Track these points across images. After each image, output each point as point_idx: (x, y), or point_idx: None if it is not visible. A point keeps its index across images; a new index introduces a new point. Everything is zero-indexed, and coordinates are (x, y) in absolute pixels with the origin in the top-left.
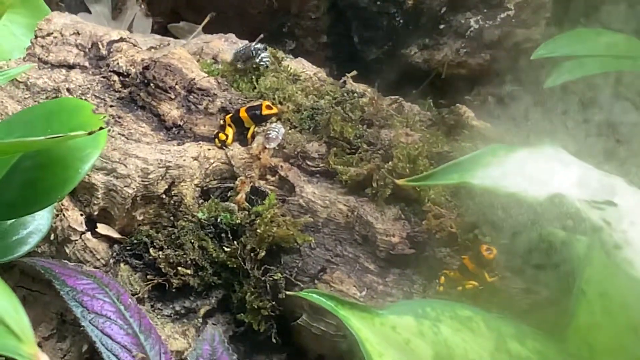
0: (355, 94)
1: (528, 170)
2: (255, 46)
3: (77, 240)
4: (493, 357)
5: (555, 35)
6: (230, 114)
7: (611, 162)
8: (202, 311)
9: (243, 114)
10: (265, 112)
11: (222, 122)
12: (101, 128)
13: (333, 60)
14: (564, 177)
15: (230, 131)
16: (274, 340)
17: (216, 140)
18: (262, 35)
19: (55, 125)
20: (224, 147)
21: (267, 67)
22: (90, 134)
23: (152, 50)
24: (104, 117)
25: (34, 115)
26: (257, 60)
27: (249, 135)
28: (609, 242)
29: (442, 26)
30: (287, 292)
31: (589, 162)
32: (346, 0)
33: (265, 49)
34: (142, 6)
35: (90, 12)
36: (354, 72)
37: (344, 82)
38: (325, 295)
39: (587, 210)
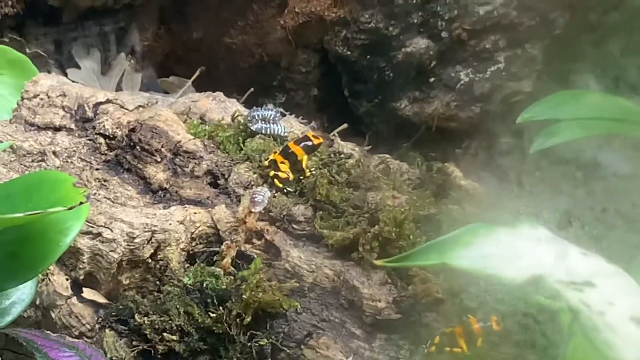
0: (342, 155)
1: (508, 250)
2: (272, 110)
3: (62, 305)
4: None
5: (547, 88)
6: (276, 152)
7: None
8: None
9: (295, 147)
10: (315, 142)
11: (267, 162)
12: (81, 203)
13: (324, 113)
14: (544, 257)
15: (286, 167)
16: None
17: (276, 181)
18: (252, 89)
19: (36, 199)
20: (288, 184)
21: (285, 136)
22: (70, 209)
23: (141, 109)
24: (85, 190)
25: (14, 189)
26: (275, 131)
27: (304, 166)
28: (588, 324)
29: (432, 79)
30: None
31: (571, 237)
32: (336, 54)
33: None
34: (132, 61)
35: (79, 68)
36: (344, 126)
37: (332, 140)
38: None
39: (565, 292)
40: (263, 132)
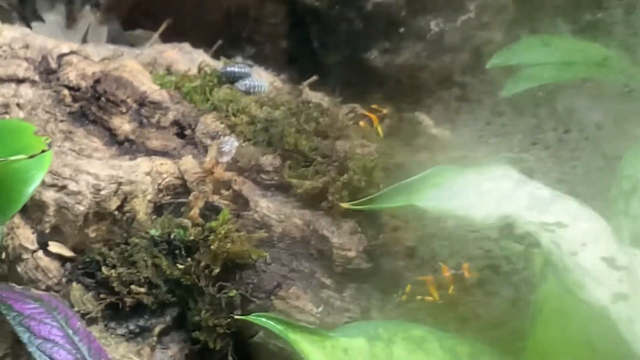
0: (311, 104)
1: (478, 191)
2: (246, 67)
3: (28, 258)
4: None
5: (518, 37)
6: None
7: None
8: (156, 330)
9: None
10: None
11: None
12: (43, 151)
13: (293, 65)
14: (515, 197)
15: None
16: (230, 358)
17: None
18: (220, 42)
19: None
20: None
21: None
22: (31, 157)
23: (106, 61)
24: (47, 139)
25: None
26: (262, 89)
27: None
28: (559, 264)
29: (402, 29)
30: (236, 316)
31: (545, 179)
32: (304, 5)
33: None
34: (97, 14)
35: (44, 22)
36: (315, 77)
37: (301, 90)
38: (273, 318)
39: (537, 232)
40: (250, 90)
